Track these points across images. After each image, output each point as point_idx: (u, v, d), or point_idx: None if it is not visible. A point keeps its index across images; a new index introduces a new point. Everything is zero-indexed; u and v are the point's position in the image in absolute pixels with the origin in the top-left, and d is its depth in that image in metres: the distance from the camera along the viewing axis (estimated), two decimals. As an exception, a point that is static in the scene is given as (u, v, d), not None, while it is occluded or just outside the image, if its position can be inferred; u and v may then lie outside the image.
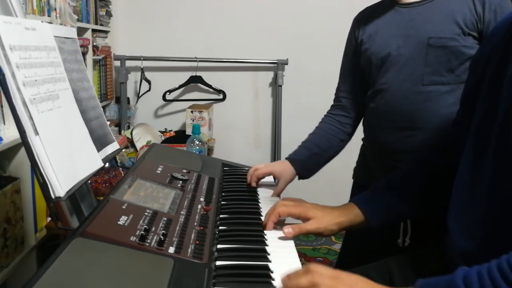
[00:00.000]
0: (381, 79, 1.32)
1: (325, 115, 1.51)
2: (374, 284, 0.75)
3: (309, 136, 1.47)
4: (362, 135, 1.50)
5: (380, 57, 1.31)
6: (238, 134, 3.19)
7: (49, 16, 2.00)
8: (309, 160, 1.41)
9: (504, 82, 0.79)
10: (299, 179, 1.41)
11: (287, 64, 3.03)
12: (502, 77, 0.81)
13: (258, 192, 1.30)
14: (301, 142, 1.46)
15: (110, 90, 2.98)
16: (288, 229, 0.99)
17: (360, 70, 1.41)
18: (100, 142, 1.07)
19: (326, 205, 1.09)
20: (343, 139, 1.46)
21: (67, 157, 0.88)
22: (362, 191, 1.13)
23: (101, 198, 1.08)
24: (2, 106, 1.62)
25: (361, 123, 1.49)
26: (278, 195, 1.30)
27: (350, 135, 1.48)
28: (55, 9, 2.04)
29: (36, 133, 0.80)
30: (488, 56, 0.90)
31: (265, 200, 1.24)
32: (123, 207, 0.89)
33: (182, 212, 0.96)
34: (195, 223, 0.93)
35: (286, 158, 1.41)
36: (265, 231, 1.02)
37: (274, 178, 1.40)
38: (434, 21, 1.23)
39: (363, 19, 1.39)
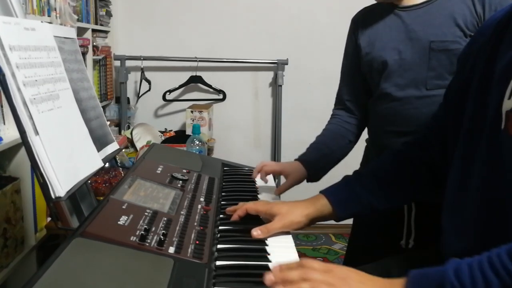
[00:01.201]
0: (383, 84, 1.30)
1: (331, 117, 1.49)
2: (366, 274, 0.76)
3: (317, 138, 1.45)
4: (366, 136, 1.50)
5: (381, 62, 1.29)
6: (238, 134, 3.19)
7: (49, 16, 2.00)
8: (319, 161, 1.38)
9: (493, 80, 0.79)
10: (308, 181, 1.38)
11: (287, 64, 3.03)
12: (491, 76, 0.80)
13: (258, 192, 1.29)
14: (309, 144, 1.43)
15: (110, 90, 2.98)
16: (256, 232, 0.97)
17: (362, 72, 1.39)
18: (100, 142, 1.07)
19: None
20: (351, 140, 1.44)
21: (67, 157, 0.88)
22: None
23: (101, 198, 1.08)
24: (2, 106, 1.62)
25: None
26: (281, 193, 1.29)
27: (357, 136, 1.46)
28: (55, 9, 2.04)
29: (36, 133, 0.80)
30: (476, 53, 0.89)
31: (265, 199, 1.23)
32: (123, 207, 0.89)
33: (182, 212, 0.96)
34: (195, 223, 0.93)
35: (296, 159, 1.38)
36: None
37: (275, 179, 1.38)
38: (434, 25, 1.21)
39: (361, 21, 1.38)
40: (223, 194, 1.23)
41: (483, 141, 0.79)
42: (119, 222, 0.82)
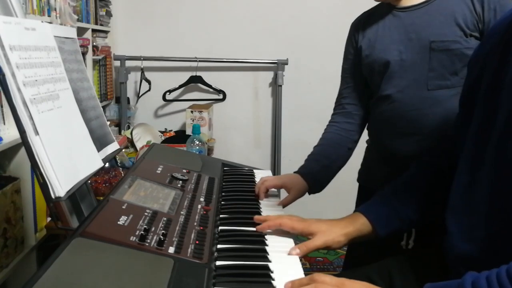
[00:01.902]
0: (384, 85, 1.29)
1: (328, 125, 1.47)
2: None
3: (314, 148, 1.42)
4: (365, 137, 1.49)
5: (382, 64, 1.28)
6: (238, 134, 3.19)
7: (49, 16, 2.00)
8: (320, 173, 1.35)
9: (503, 85, 0.78)
10: (309, 193, 1.35)
11: (287, 64, 3.03)
12: (501, 81, 0.80)
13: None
14: (307, 156, 1.40)
15: (110, 90, 2.98)
16: (295, 250, 0.94)
17: (363, 74, 1.39)
18: (100, 142, 1.07)
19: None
20: (350, 148, 1.42)
21: (67, 157, 0.88)
22: (368, 194, 1.11)
23: (101, 198, 1.08)
24: (2, 106, 1.62)
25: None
26: (285, 206, 1.25)
27: (356, 141, 1.45)
28: (55, 9, 2.04)
29: (36, 133, 0.80)
30: (485, 57, 0.89)
31: (267, 207, 1.21)
32: (123, 207, 0.89)
33: (182, 212, 0.96)
34: (195, 223, 0.93)
35: (296, 172, 1.35)
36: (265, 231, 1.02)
37: (278, 190, 1.33)
38: (434, 24, 1.21)
39: (361, 24, 1.37)
40: (223, 194, 1.23)
41: (492, 143, 0.79)
42: (119, 222, 0.82)
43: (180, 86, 3.03)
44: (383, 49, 1.29)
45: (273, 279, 0.80)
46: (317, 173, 1.35)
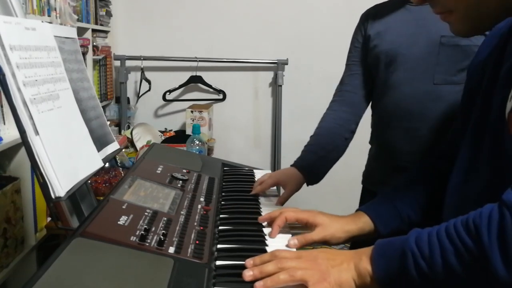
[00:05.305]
0: (390, 77, 1.30)
1: (325, 112, 1.45)
2: (333, 250, 0.82)
3: (311, 138, 1.41)
4: (368, 139, 1.48)
5: (390, 55, 1.29)
6: (238, 134, 3.19)
7: (49, 16, 2.00)
8: (316, 164, 1.35)
9: (498, 83, 0.80)
10: (308, 185, 1.35)
11: (287, 64, 3.03)
12: (496, 80, 0.81)
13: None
14: (304, 146, 1.39)
15: (110, 90, 2.98)
16: (293, 241, 0.95)
17: (368, 64, 1.39)
18: (100, 142, 1.07)
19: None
20: (347, 138, 1.41)
21: (67, 157, 0.88)
22: (371, 196, 1.11)
23: (101, 198, 1.08)
24: (2, 106, 1.62)
25: (368, 125, 1.47)
26: (283, 203, 1.24)
27: (353, 132, 1.43)
28: (55, 9, 2.04)
29: (36, 133, 0.80)
30: (484, 63, 0.90)
31: (265, 202, 1.22)
32: (123, 207, 0.89)
33: (182, 212, 0.96)
34: (195, 223, 0.93)
35: (292, 165, 1.34)
36: (265, 231, 1.01)
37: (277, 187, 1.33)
38: None
39: (371, 15, 1.38)
40: (223, 194, 1.23)
41: (486, 143, 0.80)
42: (119, 222, 0.82)
43: (180, 86, 3.04)
44: (392, 41, 1.29)
45: (273, 279, 0.80)
46: (313, 165, 1.35)
